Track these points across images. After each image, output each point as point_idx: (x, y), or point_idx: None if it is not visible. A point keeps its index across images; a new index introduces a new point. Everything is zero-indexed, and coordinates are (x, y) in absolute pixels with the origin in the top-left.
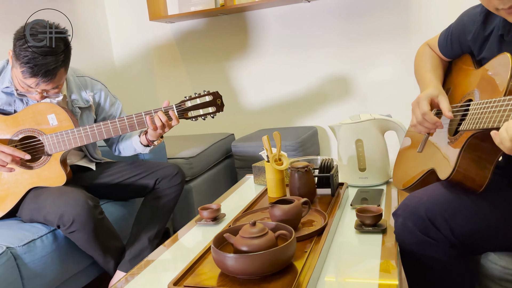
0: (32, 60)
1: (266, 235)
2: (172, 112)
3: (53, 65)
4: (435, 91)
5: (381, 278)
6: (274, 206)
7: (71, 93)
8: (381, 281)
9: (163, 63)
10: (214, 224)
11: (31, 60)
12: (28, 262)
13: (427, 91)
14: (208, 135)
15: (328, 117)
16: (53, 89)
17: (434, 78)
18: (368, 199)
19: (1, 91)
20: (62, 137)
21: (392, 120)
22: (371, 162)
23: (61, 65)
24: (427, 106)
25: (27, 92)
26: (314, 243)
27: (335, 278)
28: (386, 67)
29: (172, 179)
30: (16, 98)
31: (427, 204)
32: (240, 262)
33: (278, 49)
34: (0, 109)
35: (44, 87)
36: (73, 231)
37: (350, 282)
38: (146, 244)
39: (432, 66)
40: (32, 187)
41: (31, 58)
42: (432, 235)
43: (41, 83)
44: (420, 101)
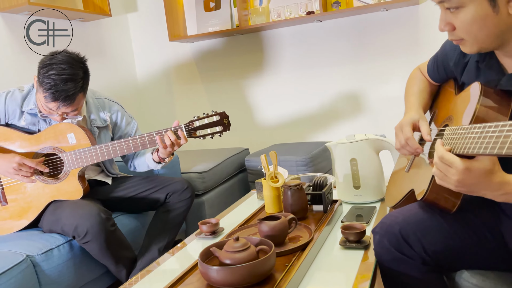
0: (54, 86)
1: (248, 249)
2: (181, 132)
3: (72, 91)
4: (416, 115)
5: None
6: (262, 222)
7: (90, 113)
8: None
9: (182, 81)
10: (213, 238)
11: (53, 86)
12: (46, 269)
13: (409, 116)
14: (223, 150)
15: (340, 133)
16: (73, 112)
17: (416, 102)
18: (359, 216)
19: (27, 113)
20: (80, 155)
21: (386, 140)
22: (365, 180)
23: (79, 90)
24: (410, 132)
25: (49, 114)
26: (297, 257)
27: None
28: (397, 83)
29: (182, 193)
30: (40, 119)
31: (401, 223)
32: (221, 274)
33: (291, 67)
34: (26, 128)
35: (64, 110)
36: (87, 241)
37: None
38: (156, 255)
39: (418, 90)
40: (52, 200)
41: (53, 84)
42: (406, 252)
43: (61, 107)
44: (403, 127)
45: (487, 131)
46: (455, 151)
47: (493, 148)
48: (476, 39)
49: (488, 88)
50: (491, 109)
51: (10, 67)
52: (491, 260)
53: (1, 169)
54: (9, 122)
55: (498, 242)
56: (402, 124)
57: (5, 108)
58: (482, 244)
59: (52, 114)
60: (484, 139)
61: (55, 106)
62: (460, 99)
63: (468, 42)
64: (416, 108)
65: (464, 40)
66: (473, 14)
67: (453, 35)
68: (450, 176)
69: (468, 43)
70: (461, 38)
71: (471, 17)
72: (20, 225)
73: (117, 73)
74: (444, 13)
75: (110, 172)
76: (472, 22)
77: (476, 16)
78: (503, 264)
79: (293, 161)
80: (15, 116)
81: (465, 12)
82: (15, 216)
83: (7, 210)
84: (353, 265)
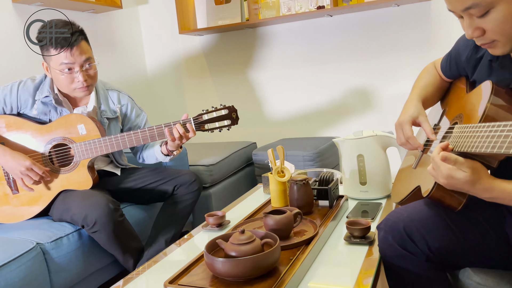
0: (53, 38)
1: (253, 242)
2: (189, 125)
3: (71, 31)
4: (414, 111)
5: (356, 286)
6: (267, 216)
7: (100, 104)
8: None
9: (191, 74)
10: (219, 230)
11: (52, 38)
12: (55, 257)
13: (407, 113)
14: (230, 143)
15: (348, 129)
16: (86, 62)
17: (417, 95)
18: (365, 212)
19: (40, 101)
20: (89, 145)
21: (393, 137)
22: (371, 177)
23: (79, 34)
24: (410, 131)
25: (70, 74)
26: (301, 251)
27: (315, 284)
28: (406, 80)
29: (190, 186)
30: (52, 108)
31: (406, 220)
32: (226, 266)
33: (300, 62)
34: (37, 118)
35: (77, 56)
36: (95, 231)
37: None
38: (163, 246)
39: (425, 83)
40: (62, 189)
41: (51, 37)
42: (410, 249)
43: (75, 54)
44: (403, 125)
45: (496, 130)
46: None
47: (500, 148)
48: (509, 37)
49: (500, 88)
50: (502, 108)
51: (23, 57)
52: (494, 258)
53: (9, 167)
54: (21, 112)
55: (502, 240)
56: (402, 122)
57: (17, 97)
58: (486, 243)
59: (74, 73)
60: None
61: (69, 55)
62: (470, 97)
63: (500, 43)
64: (415, 103)
65: (496, 41)
66: (505, 12)
67: (483, 39)
68: (439, 178)
69: (500, 44)
70: (493, 40)
71: (503, 15)
72: (31, 213)
73: (127, 65)
74: (469, 19)
75: (119, 163)
76: (504, 21)
77: (508, 14)
78: (507, 262)
79: (300, 156)
80: (27, 105)
81: (496, 12)
82: (26, 204)
83: (19, 198)
84: (357, 261)
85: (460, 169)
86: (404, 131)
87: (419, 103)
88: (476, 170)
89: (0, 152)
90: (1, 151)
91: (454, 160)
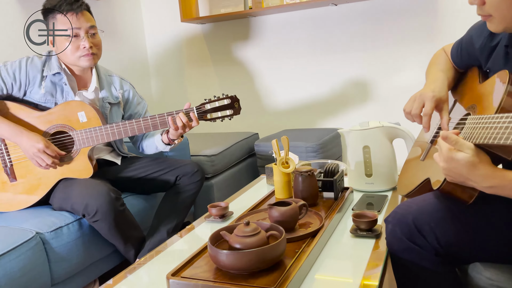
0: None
1: (258, 234)
2: (192, 114)
3: None
4: (444, 94)
5: (364, 279)
6: (272, 207)
7: (102, 88)
8: (364, 281)
9: (193, 63)
10: (222, 221)
11: (59, 4)
12: (55, 247)
13: (436, 90)
14: (232, 134)
15: (352, 119)
16: (92, 29)
17: (444, 78)
18: (370, 204)
19: (49, 80)
20: (90, 133)
21: (400, 128)
22: (377, 168)
23: (85, 3)
24: (431, 109)
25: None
26: (307, 244)
27: (321, 276)
28: (410, 71)
29: (192, 176)
30: (59, 89)
31: (415, 213)
32: (230, 258)
33: (304, 52)
34: (42, 102)
35: (83, 22)
36: (96, 220)
37: (334, 281)
38: (164, 236)
39: (445, 67)
40: (62, 178)
41: (60, 3)
42: (418, 242)
43: (80, 18)
44: (426, 99)
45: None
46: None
47: None
48: (504, 17)
49: None
50: None
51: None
52: (505, 253)
53: (23, 148)
54: (27, 90)
55: None
56: (426, 97)
57: (26, 73)
58: (497, 237)
59: (79, 40)
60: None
61: (75, 19)
62: (484, 88)
63: (495, 20)
64: (442, 84)
65: (492, 17)
66: None
67: (481, 10)
68: (439, 162)
69: (495, 21)
70: (489, 14)
71: None
72: (29, 202)
73: (128, 53)
74: None
75: (121, 151)
76: None
77: None
78: None
79: (303, 147)
80: (35, 82)
81: None
82: (24, 193)
83: (16, 186)
84: (364, 254)
85: (460, 150)
86: (425, 106)
87: (446, 87)
88: (477, 153)
89: (17, 132)
90: (18, 131)
91: (455, 140)
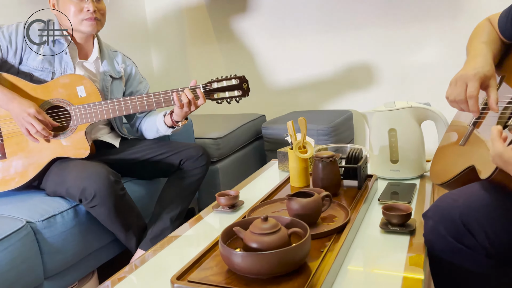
0: None
1: (278, 232)
2: (199, 91)
3: None
4: (489, 69)
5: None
6: (292, 199)
7: (103, 60)
8: None
9: (196, 40)
10: (231, 212)
11: None
12: (48, 237)
13: (479, 67)
14: (238, 116)
15: (365, 101)
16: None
17: (487, 51)
18: (399, 194)
19: (49, 47)
20: (89, 109)
21: (431, 109)
22: (404, 154)
23: None
24: (477, 89)
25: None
26: (333, 241)
27: (352, 282)
28: (430, 49)
29: (197, 160)
30: (57, 57)
31: (462, 207)
32: (247, 261)
33: (314, 29)
34: (38, 69)
35: None
36: (94, 205)
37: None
38: (168, 224)
39: (489, 39)
40: (56, 157)
41: None
42: (466, 243)
43: None
44: (469, 80)
45: None
46: None
47: None
48: None
49: None
50: None
51: None
52: None
53: (14, 114)
54: (24, 57)
55: None
56: (468, 76)
57: (24, 37)
58: None
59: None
60: None
61: None
62: None
63: None
64: (487, 59)
65: None
66: None
67: None
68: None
69: None
70: None
71: None
72: (19, 181)
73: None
74: None
75: (121, 132)
76: None
77: None
78: None
79: (314, 130)
80: (32, 47)
81: None
82: (14, 172)
83: (5, 164)
84: (399, 254)
85: None
86: (469, 87)
87: (491, 60)
88: None
89: (9, 98)
90: (10, 97)
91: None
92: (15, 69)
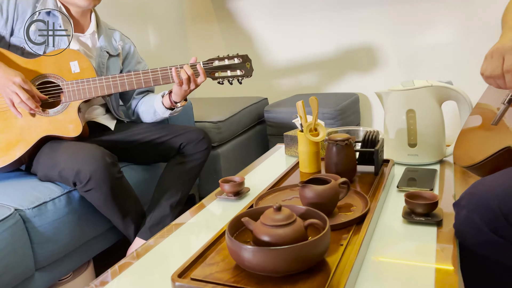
0: None
1: (293, 223)
2: (199, 66)
3: None
4: None
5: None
6: (306, 186)
7: (101, 35)
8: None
9: (195, 19)
10: (236, 200)
11: None
12: (38, 226)
13: None
14: (240, 99)
15: (372, 83)
16: None
17: None
18: (417, 180)
19: (42, 15)
20: (82, 85)
21: (454, 89)
22: (423, 137)
23: None
24: None
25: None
26: (353, 233)
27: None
28: (443, 28)
29: (198, 144)
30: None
31: (502, 195)
32: (258, 257)
33: (319, 8)
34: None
35: None
36: (89, 189)
37: None
38: (167, 212)
39: None
40: (45, 134)
41: None
42: (505, 235)
43: None
44: (506, 53)
45: None
46: None
47: None
48: None
49: None
50: None
51: None
52: None
53: (0, 83)
54: (15, 28)
55: None
56: (504, 49)
57: (15, 6)
58: None
59: None
60: None
61: None
62: None
63: None
64: None
65: None
66: None
67: None
68: None
69: None
70: None
71: None
72: (5, 160)
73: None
74: None
75: (117, 114)
76: None
77: None
78: None
79: (320, 113)
80: (24, 18)
81: None
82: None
83: None
84: (428, 247)
85: None
86: (506, 60)
87: None
88: None
89: None
90: None
91: None
92: (6, 42)
